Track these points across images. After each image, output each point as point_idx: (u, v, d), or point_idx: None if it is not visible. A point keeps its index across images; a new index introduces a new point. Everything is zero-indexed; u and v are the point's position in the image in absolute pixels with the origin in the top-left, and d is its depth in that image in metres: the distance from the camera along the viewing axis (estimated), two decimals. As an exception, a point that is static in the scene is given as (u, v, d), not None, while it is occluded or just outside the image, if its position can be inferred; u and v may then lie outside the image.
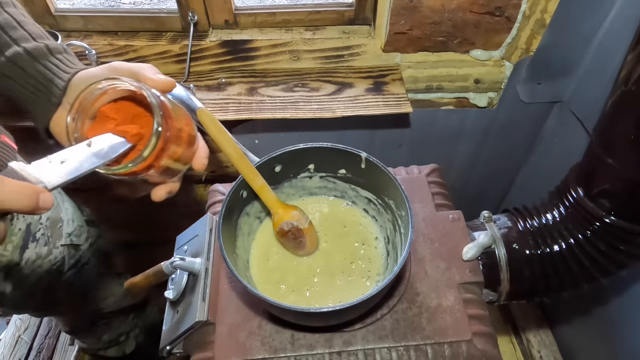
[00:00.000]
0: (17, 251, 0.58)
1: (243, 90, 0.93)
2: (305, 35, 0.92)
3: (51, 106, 0.43)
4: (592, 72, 0.89)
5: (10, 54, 0.43)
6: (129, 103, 0.42)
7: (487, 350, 0.58)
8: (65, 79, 0.44)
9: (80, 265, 0.82)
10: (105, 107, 0.41)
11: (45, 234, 0.64)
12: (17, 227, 0.57)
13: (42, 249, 0.63)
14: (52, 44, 0.46)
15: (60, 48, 0.46)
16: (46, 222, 0.64)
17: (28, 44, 0.44)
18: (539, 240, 0.67)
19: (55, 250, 0.67)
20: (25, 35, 0.45)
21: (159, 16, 0.92)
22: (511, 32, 0.87)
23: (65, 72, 0.44)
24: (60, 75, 0.44)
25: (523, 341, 1.19)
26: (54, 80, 0.43)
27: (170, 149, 0.41)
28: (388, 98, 0.90)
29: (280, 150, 0.61)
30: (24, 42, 0.44)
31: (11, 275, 0.65)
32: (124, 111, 0.42)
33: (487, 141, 1.12)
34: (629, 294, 0.86)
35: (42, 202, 0.32)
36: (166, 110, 0.40)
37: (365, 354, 0.58)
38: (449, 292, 0.62)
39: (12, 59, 0.43)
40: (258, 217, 0.67)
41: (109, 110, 0.41)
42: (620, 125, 0.57)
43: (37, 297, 0.76)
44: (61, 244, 0.68)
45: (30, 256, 0.60)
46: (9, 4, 0.45)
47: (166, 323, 0.64)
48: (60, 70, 0.44)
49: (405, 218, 0.56)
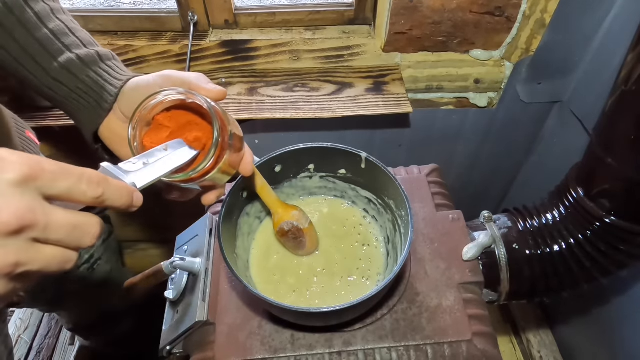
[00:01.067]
0: None
1: (243, 90, 0.93)
2: (305, 35, 0.92)
3: (102, 112, 0.44)
4: (592, 72, 0.89)
5: (63, 60, 0.43)
6: (180, 111, 0.44)
7: (487, 350, 0.58)
8: (117, 86, 0.44)
9: (93, 261, 0.83)
10: (160, 115, 0.43)
11: None
12: None
13: None
14: (102, 51, 0.46)
15: (109, 55, 0.47)
16: None
17: (80, 50, 0.45)
18: (539, 240, 0.67)
19: None
20: (76, 41, 0.45)
21: (159, 16, 0.92)
22: (511, 32, 0.87)
23: (116, 79, 0.45)
24: (111, 82, 0.45)
25: (523, 341, 1.19)
26: (106, 87, 0.44)
27: (225, 156, 0.43)
28: (388, 98, 0.90)
29: (280, 150, 0.61)
30: (75, 48, 0.45)
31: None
32: (177, 119, 0.44)
33: (487, 141, 1.12)
34: (629, 294, 0.86)
35: (136, 200, 0.34)
36: (221, 119, 0.42)
37: (365, 354, 0.58)
38: (449, 292, 0.62)
39: (65, 65, 0.43)
40: (258, 217, 0.67)
41: (163, 118, 0.43)
42: (620, 125, 0.57)
43: (50, 291, 0.77)
44: None
45: None
46: (60, 11, 0.46)
47: (166, 323, 0.64)
48: (111, 77, 0.45)
49: (405, 218, 0.56)
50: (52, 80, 0.44)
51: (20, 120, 0.61)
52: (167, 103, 0.43)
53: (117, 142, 0.45)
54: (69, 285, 0.80)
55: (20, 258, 0.27)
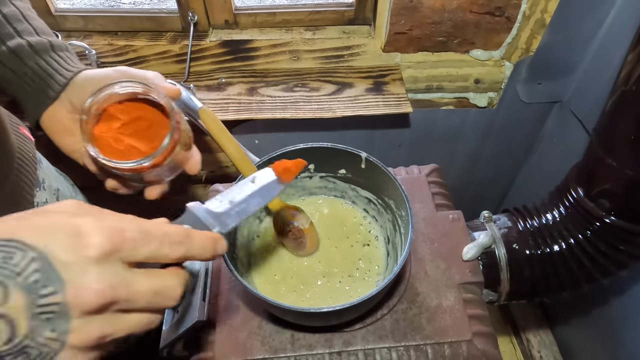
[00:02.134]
0: None
1: (243, 90, 0.93)
2: (305, 35, 0.92)
3: (46, 100, 0.44)
4: (592, 72, 0.89)
5: (12, 45, 0.43)
6: (132, 104, 0.44)
7: (487, 350, 0.58)
8: (67, 76, 0.44)
9: None
10: (112, 106, 0.43)
11: None
12: None
13: None
14: (55, 41, 0.46)
15: (62, 46, 0.47)
16: None
17: (31, 37, 0.45)
18: (539, 240, 0.67)
19: None
20: (29, 29, 0.45)
21: (159, 16, 0.92)
22: (511, 32, 0.87)
23: (66, 70, 0.45)
24: (60, 71, 0.45)
25: (523, 341, 1.19)
26: (54, 76, 0.44)
27: (176, 150, 0.43)
28: (388, 98, 0.90)
29: (280, 150, 0.61)
30: (27, 35, 0.45)
31: None
32: (129, 112, 0.44)
33: (487, 141, 1.12)
34: (629, 294, 0.86)
35: (220, 249, 0.34)
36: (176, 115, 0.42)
37: (365, 354, 0.58)
38: (449, 292, 0.62)
39: (14, 50, 0.43)
40: (258, 217, 0.67)
41: (115, 110, 0.43)
42: (620, 125, 0.57)
43: None
44: None
45: None
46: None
47: (166, 323, 0.64)
48: (60, 67, 0.45)
49: (405, 218, 0.56)
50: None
51: (14, 117, 0.61)
52: (123, 95, 0.43)
53: (60, 131, 0.45)
54: None
55: (104, 331, 0.27)
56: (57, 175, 0.67)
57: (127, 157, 0.42)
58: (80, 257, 0.26)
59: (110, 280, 0.27)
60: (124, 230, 0.28)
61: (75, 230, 0.26)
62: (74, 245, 0.26)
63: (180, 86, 0.60)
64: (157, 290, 0.29)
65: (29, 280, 0.25)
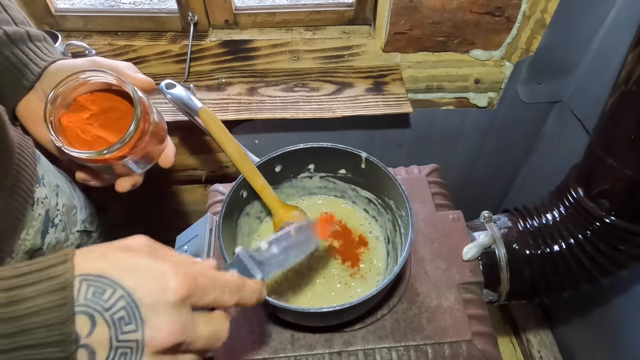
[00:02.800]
0: (39, 236, 0.59)
1: (243, 90, 0.93)
2: (305, 35, 0.92)
3: (21, 89, 0.44)
4: (592, 72, 0.89)
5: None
6: (104, 95, 0.44)
7: (487, 351, 0.58)
8: (41, 66, 0.44)
9: None
10: (82, 97, 0.43)
11: (63, 220, 0.65)
12: (37, 213, 0.58)
13: (61, 235, 0.64)
14: (32, 32, 0.46)
15: (40, 36, 0.47)
16: (62, 209, 0.65)
17: (8, 27, 0.45)
18: (539, 240, 0.67)
19: (71, 236, 0.68)
20: (7, 18, 0.45)
21: (159, 16, 0.92)
22: (511, 32, 0.87)
23: (41, 60, 0.45)
24: (36, 61, 0.44)
25: (523, 341, 1.19)
26: (29, 65, 0.44)
27: (144, 142, 0.43)
28: (388, 98, 0.90)
29: (280, 150, 0.61)
30: (4, 25, 0.44)
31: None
32: (100, 103, 0.44)
33: (487, 141, 1.12)
34: (629, 294, 0.86)
35: (262, 297, 0.37)
36: (144, 105, 0.42)
37: (365, 354, 0.58)
38: (449, 292, 0.62)
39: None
40: (258, 217, 0.67)
41: (85, 100, 0.43)
42: (620, 125, 0.57)
43: None
44: (76, 230, 0.69)
45: (51, 241, 0.62)
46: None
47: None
48: (36, 57, 0.45)
49: (405, 218, 0.56)
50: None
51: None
52: (92, 85, 0.42)
53: (34, 121, 0.45)
54: None
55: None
56: (56, 172, 0.67)
57: (93, 147, 0.42)
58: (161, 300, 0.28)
59: (183, 324, 0.29)
60: (197, 278, 0.31)
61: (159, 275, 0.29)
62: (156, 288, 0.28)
63: (180, 86, 0.61)
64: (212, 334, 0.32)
65: (116, 317, 0.27)
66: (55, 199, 0.63)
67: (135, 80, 0.44)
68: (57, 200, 0.64)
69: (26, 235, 0.57)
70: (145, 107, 0.42)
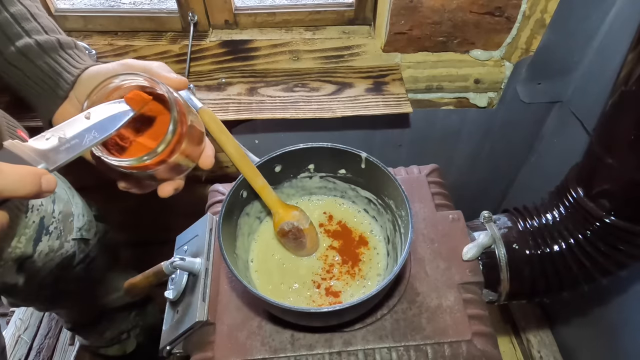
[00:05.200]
0: (31, 244, 0.58)
1: (243, 90, 0.93)
2: (305, 35, 0.93)
3: (57, 99, 0.44)
4: (592, 72, 0.89)
5: (20, 45, 0.43)
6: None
7: (487, 350, 0.58)
8: (74, 74, 0.44)
9: (88, 260, 0.82)
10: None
11: (58, 227, 0.64)
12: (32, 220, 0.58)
13: (55, 243, 0.64)
14: (63, 39, 0.46)
15: (71, 43, 0.47)
16: (59, 216, 0.64)
17: (40, 36, 0.44)
18: (539, 240, 0.67)
19: (66, 244, 0.67)
20: (37, 27, 0.45)
21: (159, 16, 0.92)
22: (511, 32, 0.87)
23: (74, 67, 0.45)
24: (69, 69, 0.44)
25: (523, 341, 1.19)
26: (63, 74, 0.44)
27: (183, 145, 0.41)
28: (388, 98, 0.90)
29: (280, 150, 0.61)
30: (35, 34, 0.44)
31: (24, 268, 0.65)
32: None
33: (487, 141, 1.12)
34: (629, 294, 0.86)
35: (46, 186, 0.31)
36: (180, 106, 0.40)
37: (365, 354, 0.58)
38: (449, 292, 0.62)
39: (22, 50, 0.43)
40: (258, 217, 0.67)
41: None
42: (620, 125, 0.57)
43: (47, 290, 0.77)
44: (72, 238, 0.69)
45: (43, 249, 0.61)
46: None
47: (166, 323, 0.64)
48: (69, 65, 0.44)
49: (405, 218, 0.56)
50: (8, 65, 0.43)
51: (11, 118, 0.61)
52: (125, 89, 0.41)
53: None
54: (65, 285, 0.80)
55: None
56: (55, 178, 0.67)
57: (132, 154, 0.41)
58: None
59: None
60: None
61: None
62: None
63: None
64: None
65: None
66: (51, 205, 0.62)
67: (169, 80, 0.43)
68: (54, 207, 0.63)
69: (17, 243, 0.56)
70: (181, 108, 0.40)
